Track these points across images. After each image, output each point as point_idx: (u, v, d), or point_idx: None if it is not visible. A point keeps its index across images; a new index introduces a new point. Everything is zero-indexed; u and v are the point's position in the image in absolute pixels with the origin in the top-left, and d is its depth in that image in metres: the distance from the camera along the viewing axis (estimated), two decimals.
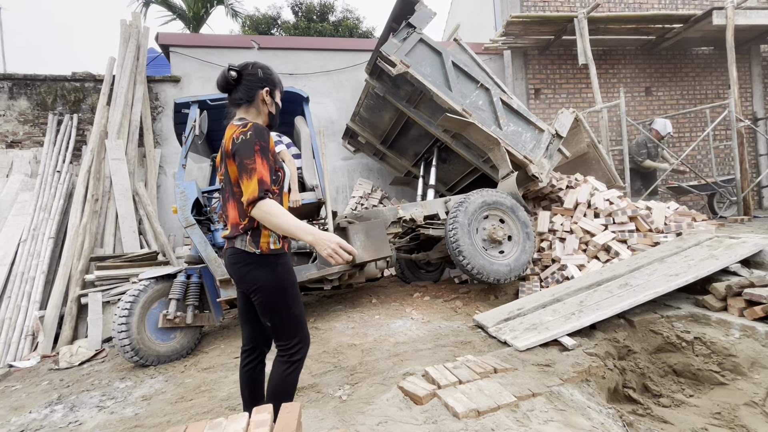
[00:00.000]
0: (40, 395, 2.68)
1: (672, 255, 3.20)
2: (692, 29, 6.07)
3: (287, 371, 1.50)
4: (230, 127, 1.51)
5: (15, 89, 5.25)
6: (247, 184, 1.37)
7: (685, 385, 2.41)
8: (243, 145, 1.41)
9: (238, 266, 1.50)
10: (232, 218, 1.53)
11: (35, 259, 4.05)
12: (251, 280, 1.48)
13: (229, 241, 1.55)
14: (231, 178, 1.51)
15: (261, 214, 1.37)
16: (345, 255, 1.34)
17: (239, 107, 1.57)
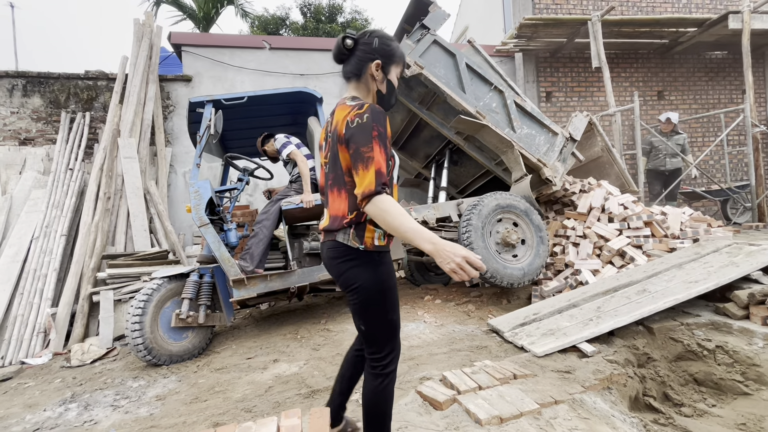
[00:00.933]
0: (54, 393, 2.67)
1: (690, 261, 3.15)
2: (706, 33, 6.02)
3: (381, 385, 1.34)
4: (342, 107, 1.32)
5: (29, 87, 5.29)
6: (363, 176, 1.20)
7: (706, 394, 2.37)
8: (359, 131, 1.22)
9: (338, 261, 1.35)
10: (336, 209, 1.35)
11: (47, 256, 4.06)
12: (350, 277, 1.32)
13: (328, 233, 1.39)
14: (342, 166, 1.31)
15: (376, 211, 1.19)
16: (472, 271, 1.13)
17: (350, 82, 1.40)
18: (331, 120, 1.37)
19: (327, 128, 1.41)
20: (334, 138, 1.32)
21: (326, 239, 1.40)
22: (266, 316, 4.09)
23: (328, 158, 1.40)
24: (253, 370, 2.68)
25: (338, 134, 1.29)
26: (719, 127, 6.99)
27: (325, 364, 2.63)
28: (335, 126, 1.32)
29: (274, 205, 3.44)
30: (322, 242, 1.45)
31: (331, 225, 1.36)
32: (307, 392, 2.24)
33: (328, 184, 1.39)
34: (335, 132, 1.31)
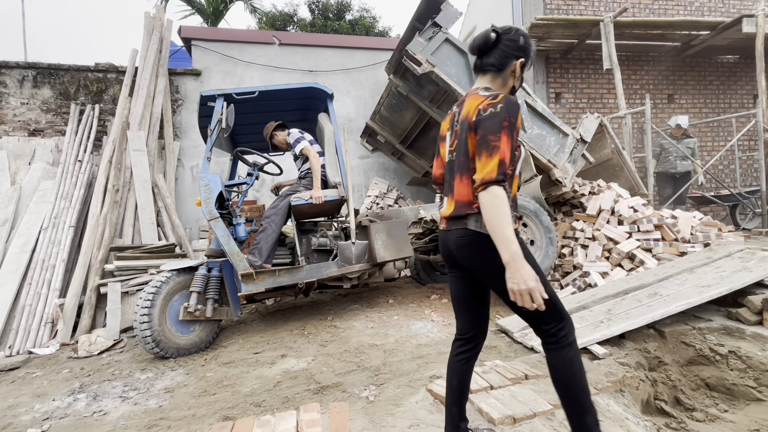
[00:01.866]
0: (62, 383, 2.68)
1: (702, 265, 3.12)
2: (719, 37, 5.96)
3: (569, 354, 1.31)
4: (474, 96, 1.36)
5: (39, 78, 5.30)
6: (485, 162, 1.22)
7: (718, 399, 2.34)
8: (490, 119, 1.25)
9: (471, 249, 1.34)
10: (462, 195, 1.36)
11: (56, 247, 4.07)
12: (491, 265, 1.29)
13: (453, 220, 1.39)
14: (469, 152, 1.33)
15: (489, 199, 1.20)
16: (529, 302, 1.16)
17: (485, 74, 1.42)
18: (460, 110, 1.41)
19: (454, 118, 1.45)
20: (464, 126, 1.35)
21: (452, 227, 1.40)
22: (272, 311, 4.09)
23: (454, 146, 1.42)
24: (261, 365, 2.67)
25: (468, 122, 1.32)
26: (730, 131, 6.93)
27: (333, 361, 2.62)
28: (465, 114, 1.35)
29: (283, 200, 3.43)
30: (446, 230, 1.44)
31: (458, 212, 1.37)
32: (316, 388, 2.23)
33: (454, 171, 1.41)
34: (465, 120, 1.35)
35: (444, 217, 1.45)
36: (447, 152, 1.49)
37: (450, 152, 1.46)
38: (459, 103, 1.44)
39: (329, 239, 3.58)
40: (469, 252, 1.35)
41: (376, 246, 3.41)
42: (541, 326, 1.35)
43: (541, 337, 1.37)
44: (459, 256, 1.39)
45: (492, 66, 1.40)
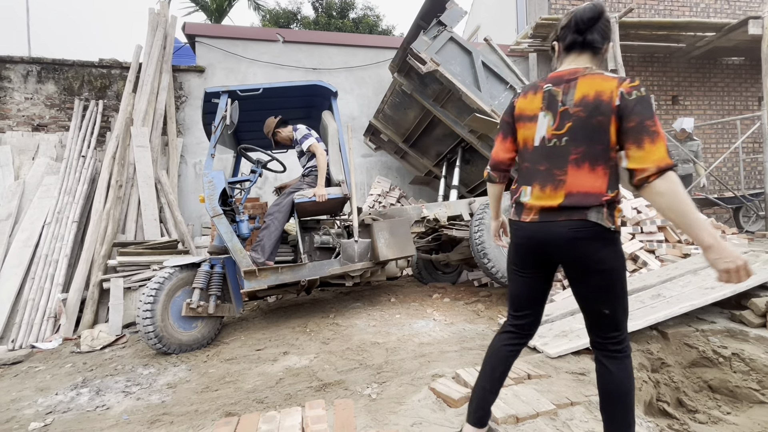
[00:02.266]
0: (65, 377, 2.68)
1: (705, 267, 3.11)
2: (725, 38, 5.94)
3: (630, 366, 1.28)
4: (594, 76, 1.25)
5: (43, 73, 5.31)
6: (651, 149, 1.13)
7: (721, 401, 2.34)
8: (641, 103, 1.16)
9: (586, 242, 1.24)
10: (584, 186, 1.24)
11: (59, 242, 4.08)
12: (602, 259, 1.23)
13: (562, 211, 1.27)
14: (604, 139, 1.22)
15: (670, 186, 1.11)
16: (744, 277, 1.09)
17: (584, 53, 1.32)
18: (567, 89, 1.28)
19: (554, 97, 1.30)
20: (595, 109, 1.22)
21: (566, 218, 1.26)
22: (274, 308, 4.10)
23: (565, 130, 1.28)
24: (263, 361, 2.67)
25: (610, 105, 1.19)
26: (734, 133, 6.91)
27: (336, 358, 2.62)
28: (595, 96, 1.22)
29: (286, 197, 3.43)
30: (553, 221, 1.29)
31: (575, 201, 1.25)
32: (318, 385, 2.23)
33: (560, 158, 1.29)
34: (597, 103, 1.21)
35: (541, 207, 1.31)
36: (540, 135, 1.33)
37: (553, 136, 1.30)
38: (554, 81, 1.31)
39: (332, 237, 3.58)
40: (585, 245, 1.24)
41: (378, 244, 3.41)
42: (612, 332, 1.29)
43: (607, 346, 1.30)
44: (568, 248, 1.27)
45: (598, 43, 1.30)
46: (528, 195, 1.36)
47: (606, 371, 1.30)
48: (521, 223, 1.38)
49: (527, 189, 1.37)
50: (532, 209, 1.35)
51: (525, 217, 1.36)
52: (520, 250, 1.42)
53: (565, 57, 1.37)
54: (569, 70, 1.32)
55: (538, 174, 1.35)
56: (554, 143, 1.31)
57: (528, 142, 1.39)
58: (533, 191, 1.35)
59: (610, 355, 1.30)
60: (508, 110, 1.47)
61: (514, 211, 1.42)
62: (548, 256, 1.35)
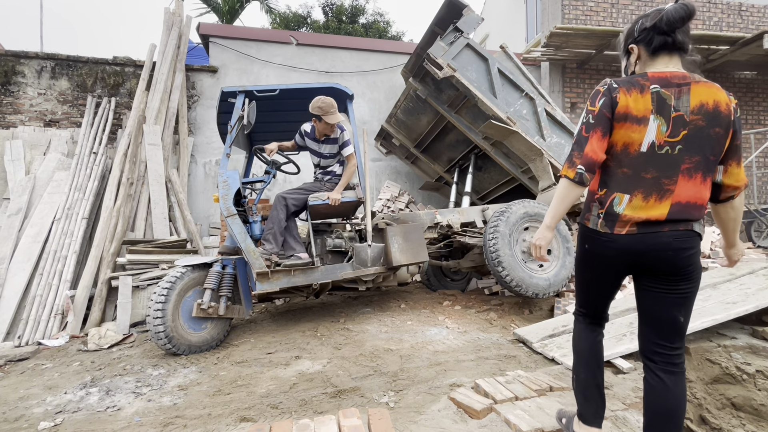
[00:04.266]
0: (73, 376, 2.64)
1: (725, 282, 3.06)
2: (739, 52, 5.93)
3: (685, 383, 1.28)
4: (709, 85, 1.23)
5: (57, 69, 5.32)
6: (739, 170, 1.25)
7: (745, 420, 2.28)
8: (740, 125, 1.23)
9: (692, 252, 1.24)
10: (692, 196, 1.23)
11: (68, 239, 4.06)
12: (698, 268, 1.26)
13: (678, 222, 1.23)
14: (716, 151, 1.22)
15: (741, 201, 1.30)
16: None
17: (674, 55, 1.28)
18: (679, 94, 1.22)
19: (671, 102, 1.22)
20: (714, 120, 1.20)
21: (673, 228, 1.23)
22: (282, 311, 4.05)
23: (680, 137, 1.22)
24: (275, 365, 2.63)
25: (720, 116, 1.19)
26: (746, 147, 6.87)
27: (349, 364, 2.57)
28: (713, 106, 1.20)
29: (300, 193, 3.35)
30: (656, 232, 1.25)
31: (688, 214, 1.23)
32: (333, 392, 2.18)
33: (671, 167, 1.23)
34: (716, 114, 1.20)
35: (641, 220, 1.24)
36: (650, 140, 1.24)
37: (665, 143, 1.22)
38: (662, 83, 1.23)
39: (345, 240, 3.55)
40: (688, 254, 1.24)
41: (392, 249, 3.37)
42: (678, 342, 1.28)
43: (671, 359, 1.28)
44: (674, 258, 1.23)
45: (688, 46, 1.26)
46: (624, 204, 1.27)
47: (663, 386, 1.25)
48: (614, 236, 1.29)
49: (624, 198, 1.27)
50: (629, 221, 1.27)
51: (619, 229, 1.28)
52: (606, 263, 1.35)
53: (651, 61, 1.30)
54: (675, 73, 1.24)
55: (643, 182, 1.26)
56: (666, 151, 1.23)
57: (632, 145, 1.26)
58: (633, 200, 1.26)
59: (669, 369, 1.27)
60: (607, 104, 1.28)
61: (603, 222, 1.31)
62: (640, 266, 1.29)
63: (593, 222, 1.33)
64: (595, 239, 1.35)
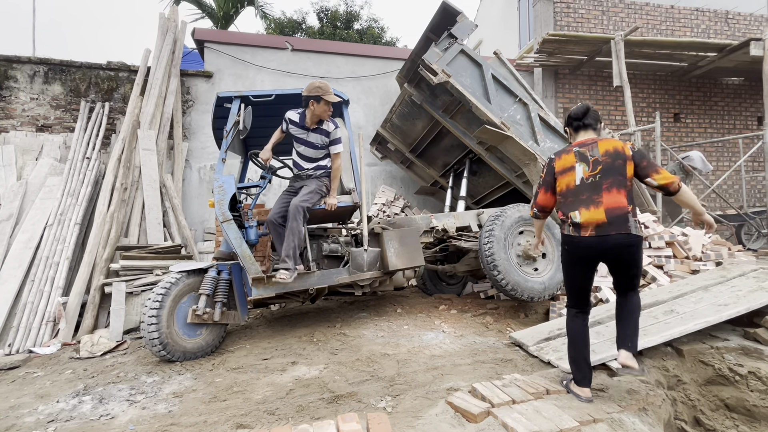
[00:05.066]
0: (65, 384, 2.60)
1: (717, 284, 3.10)
2: (726, 59, 6.05)
3: (638, 297, 2.06)
4: (607, 140, 2.03)
5: (50, 74, 5.29)
6: (664, 173, 1.94)
7: (739, 421, 2.31)
8: (641, 152, 2.01)
9: (633, 248, 1.93)
10: (614, 203, 1.92)
11: (60, 245, 4.01)
12: (637, 257, 1.95)
13: (610, 225, 1.90)
14: (625, 173, 1.95)
15: (686, 188, 1.95)
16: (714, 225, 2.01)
17: (588, 129, 2.11)
18: (592, 149, 2.02)
19: (582, 155, 2.03)
20: (617, 157, 1.96)
21: (614, 231, 1.90)
22: (278, 317, 4.03)
23: (597, 171, 1.98)
24: (271, 371, 2.61)
25: (625, 155, 1.96)
26: (734, 152, 7.00)
27: (346, 369, 2.57)
28: (613, 150, 1.98)
29: (313, 195, 3.18)
30: (600, 235, 1.92)
31: (617, 213, 1.91)
32: (330, 397, 2.17)
33: (600, 189, 1.95)
34: (617, 154, 1.97)
35: (593, 223, 1.94)
36: (579, 178, 2.02)
37: (589, 176, 2.00)
38: (580, 146, 2.06)
39: (340, 245, 3.55)
40: (633, 250, 1.93)
41: (388, 254, 3.37)
42: (634, 281, 2.01)
43: (630, 288, 2.02)
44: (623, 253, 1.94)
45: (593, 125, 2.12)
46: (578, 217, 1.98)
47: (628, 300, 2.03)
48: (581, 237, 1.97)
49: (576, 213, 1.99)
50: (588, 226, 1.96)
51: (584, 233, 1.97)
52: (578, 256, 2.04)
53: (575, 135, 2.16)
54: (586, 139, 2.09)
55: (583, 201, 1.99)
56: (591, 180, 1.99)
57: (570, 184, 2.05)
58: (581, 212, 1.97)
59: (630, 293, 2.03)
60: (549, 171, 2.15)
61: (573, 229, 2.00)
62: (602, 259, 2.01)
63: (567, 230, 2.05)
64: (570, 241, 2.04)
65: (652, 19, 6.98)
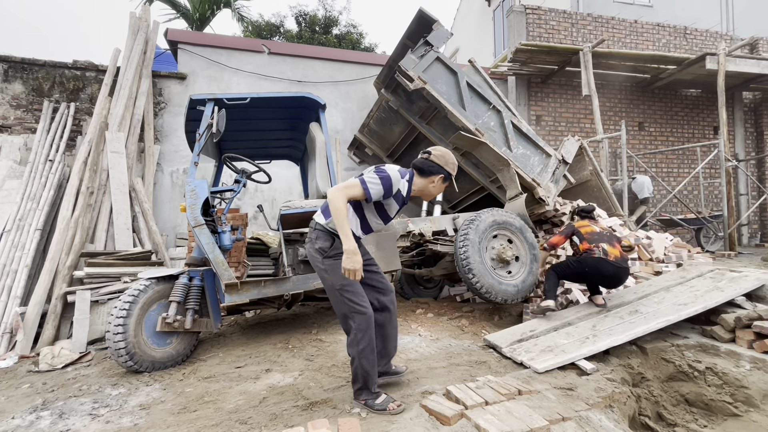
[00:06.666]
0: (22, 399, 2.46)
1: (677, 285, 3.27)
2: (685, 72, 6.42)
3: None
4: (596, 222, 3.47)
5: (10, 72, 5.04)
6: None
7: (698, 414, 2.43)
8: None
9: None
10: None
11: (19, 251, 3.80)
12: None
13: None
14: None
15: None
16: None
17: (590, 217, 3.41)
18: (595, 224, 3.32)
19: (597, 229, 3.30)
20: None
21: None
22: (253, 323, 3.95)
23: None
24: (245, 379, 2.55)
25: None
26: (693, 159, 7.41)
27: (321, 376, 2.54)
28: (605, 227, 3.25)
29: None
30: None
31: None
32: (305, 404, 2.14)
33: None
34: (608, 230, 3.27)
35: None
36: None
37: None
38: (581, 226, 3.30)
39: None
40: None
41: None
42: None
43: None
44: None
45: (592, 215, 3.47)
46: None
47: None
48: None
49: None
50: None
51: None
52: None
53: (581, 220, 3.38)
54: (599, 229, 3.29)
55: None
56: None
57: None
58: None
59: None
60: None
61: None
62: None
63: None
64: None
65: (618, 32, 7.33)
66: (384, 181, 1.98)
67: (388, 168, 2.04)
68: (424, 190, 2.16)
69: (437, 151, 2.13)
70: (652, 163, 7.24)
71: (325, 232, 2.12)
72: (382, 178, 1.99)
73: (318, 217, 2.17)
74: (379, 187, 1.98)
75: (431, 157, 2.11)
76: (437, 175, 2.11)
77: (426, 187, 2.14)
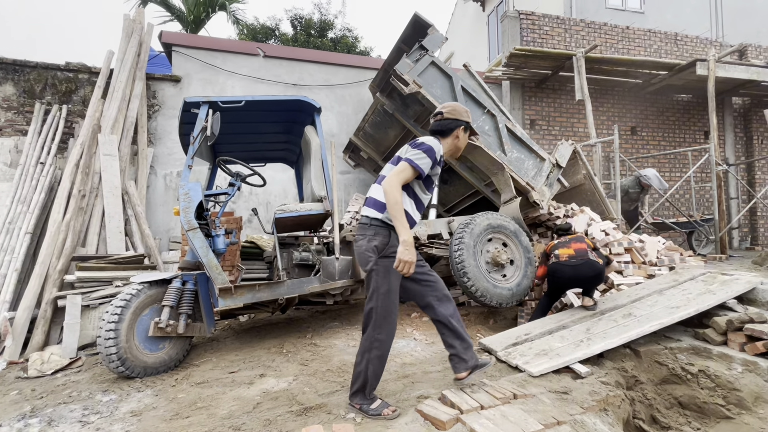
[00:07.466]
0: (10, 406, 2.41)
1: (670, 288, 3.29)
2: (676, 77, 6.51)
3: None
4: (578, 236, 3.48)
5: (1, 73, 4.98)
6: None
7: (691, 417, 2.44)
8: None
9: None
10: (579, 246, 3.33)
11: (8, 255, 3.74)
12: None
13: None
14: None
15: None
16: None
17: (570, 233, 3.53)
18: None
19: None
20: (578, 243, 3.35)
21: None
22: (247, 328, 3.92)
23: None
24: (238, 385, 2.53)
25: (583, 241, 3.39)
26: (685, 163, 7.50)
27: (316, 380, 2.52)
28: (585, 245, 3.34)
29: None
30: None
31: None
32: (300, 410, 2.12)
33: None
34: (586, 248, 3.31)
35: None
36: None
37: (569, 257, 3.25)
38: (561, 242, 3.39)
39: (312, 254, 3.51)
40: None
41: None
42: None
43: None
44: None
45: (570, 231, 3.62)
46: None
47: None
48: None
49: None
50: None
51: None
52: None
53: (558, 239, 3.45)
54: (568, 237, 3.41)
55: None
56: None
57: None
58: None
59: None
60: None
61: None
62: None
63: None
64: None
65: (610, 38, 7.43)
66: (429, 153, 2.00)
67: (424, 139, 2.07)
68: (452, 149, 2.21)
69: (446, 107, 2.17)
70: (644, 167, 7.32)
71: (384, 226, 2.03)
72: (426, 150, 2.00)
73: (368, 212, 2.07)
74: (427, 159, 1.99)
75: (445, 115, 2.15)
76: (458, 129, 2.15)
77: (453, 145, 2.18)
